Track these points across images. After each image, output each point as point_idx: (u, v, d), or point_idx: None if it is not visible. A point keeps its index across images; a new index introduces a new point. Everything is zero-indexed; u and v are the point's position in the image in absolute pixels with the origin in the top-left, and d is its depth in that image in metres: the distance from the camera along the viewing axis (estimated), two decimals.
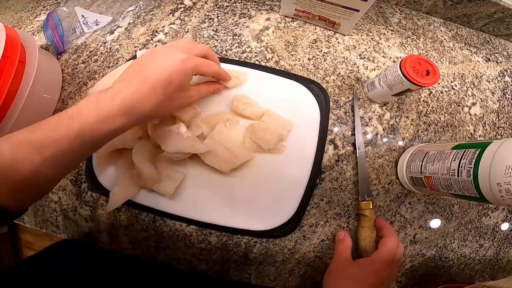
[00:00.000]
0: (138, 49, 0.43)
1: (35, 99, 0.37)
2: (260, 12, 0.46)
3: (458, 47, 0.46)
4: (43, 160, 0.22)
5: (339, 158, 0.39)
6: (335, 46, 0.44)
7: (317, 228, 0.38)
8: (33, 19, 0.50)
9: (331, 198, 0.38)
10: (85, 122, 0.24)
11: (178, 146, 0.33)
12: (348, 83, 0.42)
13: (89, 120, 0.24)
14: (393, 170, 0.39)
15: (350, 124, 0.40)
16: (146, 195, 0.36)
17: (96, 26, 0.46)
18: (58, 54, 0.44)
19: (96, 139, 0.24)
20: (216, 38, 0.44)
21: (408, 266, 0.39)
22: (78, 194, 0.39)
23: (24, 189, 0.23)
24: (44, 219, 0.41)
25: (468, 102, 0.43)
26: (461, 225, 0.40)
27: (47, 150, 0.22)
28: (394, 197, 0.39)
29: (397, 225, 0.39)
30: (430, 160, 0.32)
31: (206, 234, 0.38)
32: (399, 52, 0.44)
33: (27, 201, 0.25)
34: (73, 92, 0.42)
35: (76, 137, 0.23)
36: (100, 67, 0.43)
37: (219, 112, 0.37)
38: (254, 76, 0.39)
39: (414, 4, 0.47)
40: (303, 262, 0.38)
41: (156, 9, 0.47)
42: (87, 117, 0.24)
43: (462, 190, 0.28)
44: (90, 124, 0.24)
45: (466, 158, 0.27)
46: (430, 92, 0.42)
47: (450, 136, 0.41)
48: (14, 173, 0.21)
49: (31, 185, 0.23)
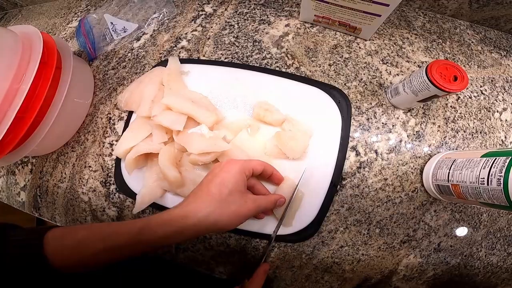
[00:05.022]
0: (163, 56, 0.45)
1: (69, 104, 0.39)
2: (280, 18, 0.46)
3: (487, 50, 0.44)
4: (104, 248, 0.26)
5: (361, 165, 0.38)
6: (357, 52, 0.43)
7: (336, 234, 0.38)
8: (65, 26, 0.53)
9: (352, 204, 0.38)
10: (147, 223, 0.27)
11: (202, 146, 0.34)
12: (371, 89, 0.41)
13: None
14: (418, 177, 0.38)
15: (373, 131, 0.39)
16: (171, 198, 0.37)
17: (124, 33, 0.48)
18: (90, 60, 0.47)
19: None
20: (237, 44, 0.45)
21: (430, 274, 0.38)
22: (106, 195, 0.41)
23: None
24: (74, 219, 0.43)
25: (499, 107, 0.41)
26: (489, 233, 0.38)
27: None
28: (418, 204, 0.38)
29: (421, 232, 0.38)
30: (458, 168, 0.31)
31: (226, 237, 0.39)
32: (424, 56, 0.43)
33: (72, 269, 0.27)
34: (104, 97, 0.44)
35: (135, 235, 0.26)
36: (128, 73, 0.45)
37: (241, 118, 0.38)
38: (275, 83, 0.40)
39: (438, 7, 0.46)
40: (320, 267, 0.38)
41: (179, 16, 0.49)
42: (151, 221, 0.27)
43: (491, 199, 0.27)
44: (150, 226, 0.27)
45: (496, 167, 0.26)
46: (458, 97, 0.41)
47: (479, 143, 0.40)
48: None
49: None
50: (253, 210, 0.29)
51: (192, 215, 0.27)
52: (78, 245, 0.26)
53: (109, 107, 0.44)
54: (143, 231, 0.26)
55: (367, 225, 0.38)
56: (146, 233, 0.26)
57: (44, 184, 0.45)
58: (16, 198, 0.47)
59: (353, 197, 0.38)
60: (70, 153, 0.44)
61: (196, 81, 0.42)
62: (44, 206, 0.45)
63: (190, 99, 0.38)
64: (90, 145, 0.44)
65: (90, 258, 0.25)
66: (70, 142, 0.45)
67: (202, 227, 0.27)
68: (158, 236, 0.26)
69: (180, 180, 0.35)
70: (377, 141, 0.39)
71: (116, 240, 0.26)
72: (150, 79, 0.41)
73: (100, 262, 0.26)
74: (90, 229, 0.27)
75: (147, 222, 0.27)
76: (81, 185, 0.43)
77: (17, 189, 0.47)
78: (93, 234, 0.26)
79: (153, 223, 0.27)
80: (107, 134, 0.43)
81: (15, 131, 0.33)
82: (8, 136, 0.33)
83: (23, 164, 0.47)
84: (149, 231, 0.26)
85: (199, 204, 0.28)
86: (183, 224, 0.27)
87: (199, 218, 0.27)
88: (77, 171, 0.43)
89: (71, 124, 0.43)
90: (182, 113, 0.36)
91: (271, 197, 0.33)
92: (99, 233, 0.26)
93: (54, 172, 0.45)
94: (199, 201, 0.28)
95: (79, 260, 0.25)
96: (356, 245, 0.37)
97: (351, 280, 0.38)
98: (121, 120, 0.43)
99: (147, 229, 0.26)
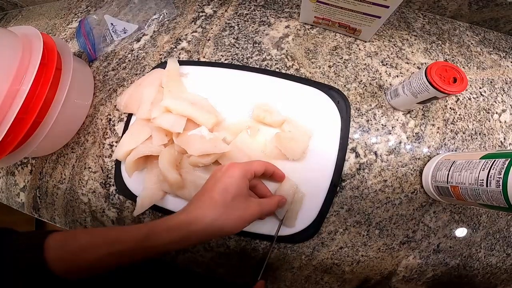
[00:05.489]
0: (163, 57, 0.45)
1: (69, 105, 0.39)
2: (280, 19, 0.47)
3: (487, 52, 0.45)
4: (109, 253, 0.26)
5: (360, 166, 0.38)
6: (356, 53, 0.43)
7: (336, 236, 0.38)
8: (65, 26, 0.53)
9: (352, 206, 0.38)
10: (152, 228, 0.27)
11: (202, 148, 0.34)
12: (370, 91, 0.41)
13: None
14: (417, 179, 0.38)
15: (373, 132, 0.39)
16: (171, 200, 0.37)
17: (124, 34, 0.48)
18: (90, 61, 0.47)
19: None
20: (237, 46, 0.45)
21: (430, 275, 0.38)
22: (106, 196, 0.41)
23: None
24: (74, 220, 0.43)
25: (498, 109, 0.41)
26: (488, 234, 0.38)
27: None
28: (418, 206, 0.38)
29: (420, 234, 0.38)
30: (457, 169, 0.31)
31: (225, 239, 0.39)
32: (424, 58, 0.43)
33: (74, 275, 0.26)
34: (104, 98, 0.44)
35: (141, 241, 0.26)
36: (128, 74, 0.45)
37: (241, 119, 0.38)
38: (274, 84, 0.40)
39: (438, 8, 0.46)
40: (320, 268, 0.38)
41: (179, 17, 0.49)
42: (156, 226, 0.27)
43: (490, 200, 0.27)
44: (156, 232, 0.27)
45: (495, 168, 0.26)
46: (458, 99, 0.41)
47: (479, 144, 0.40)
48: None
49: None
50: (257, 214, 0.30)
51: (199, 221, 0.27)
52: (81, 250, 0.25)
53: (109, 108, 0.44)
54: (149, 237, 0.26)
55: (367, 226, 0.38)
56: (152, 239, 0.26)
57: (44, 185, 0.45)
58: (15, 199, 0.47)
59: (352, 199, 0.38)
60: (70, 154, 0.44)
61: (196, 83, 0.42)
62: (43, 207, 0.45)
63: (190, 101, 0.38)
64: (90, 146, 0.44)
65: (93, 263, 0.25)
66: (70, 143, 0.45)
67: (209, 233, 0.27)
68: (165, 242, 0.26)
69: (180, 182, 0.35)
70: (376, 142, 0.39)
71: (121, 246, 0.26)
72: (149, 81, 0.41)
73: (102, 267, 0.26)
74: (92, 234, 0.27)
75: (153, 228, 0.27)
76: (80, 186, 0.43)
77: (16, 190, 0.47)
78: (96, 240, 0.26)
79: (159, 229, 0.27)
80: (107, 135, 0.43)
81: (15, 132, 0.33)
82: (8, 137, 0.33)
83: (23, 165, 0.47)
84: (155, 237, 0.26)
85: (204, 211, 0.28)
86: (189, 230, 0.27)
87: (206, 224, 0.27)
88: (77, 172, 0.43)
89: (71, 125, 0.43)
90: (182, 115, 0.37)
91: (274, 199, 0.33)
92: (102, 238, 0.26)
93: (53, 173, 0.45)
94: (204, 208, 0.28)
95: (81, 265, 0.25)
96: (355, 246, 0.37)
97: (350, 281, 0.38)
98: (121, 121, 0.43)
99: (153, 235, 0.26)
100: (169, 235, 0.26)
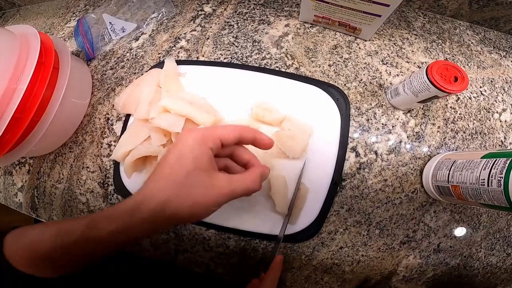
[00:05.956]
0: (162, 56, 0.45)
1: (67, 104, 0.39)
2: (279, 18, 0.46)
3: (487, 51, 0.44)
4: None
5: (360, 166, 0.38)
6: (356, 52, 0.43)
7: (336, 235, 0.38)
8: (63, 25, 0.53)
9: (352, 205, 0.38)
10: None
11: None
12: (371, 90, 0.41)
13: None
14: (417, 178, 0.38)
15: (373, 132, 0.39)
16: None
17: (123, 33, 0.48)
18: (88, 60, 0.47)
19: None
20: (237, 44, 0.45)
21: (430, 275, 0.38)
22: (105, 196, 0.41)
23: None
24: None
25: (498, 108, 0.41)
26: (489, 234, 0.38)
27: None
28: (418, 205, 0.38)
29: (421, 233, 0.38)
30: (458, 169, 0.31)
31: (225, 239, 0.39)
32: (424, 57, 0.43)
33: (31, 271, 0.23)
34: (102, 97, 0.44)
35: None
36: (126, 73, 0.45)
37: (240, 118, 0.38)
38: (273, 82, 0.40)
39: (438, 7, 0.46)
40: (320, 268, 0.38)
41: (178, 16, 0.49)
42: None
43: (491, 200, 0.27)
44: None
45: (496, 168, 0.26)
46: (458, 98, 0.41)
47: (479, 143, 0.40)
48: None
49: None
50: (226, 194, 0.22)
51: (144, 205, 0.21)
52: (31, 243, 0.22)
53: (107, 107, 0.44)
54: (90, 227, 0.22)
55: (367, 226, 0.37)
56: (93, 228, 0.22)
57: (42, 185, 0.45)
58: (13, 199, 0.47)
59: (353, 198, 0.38)
60: (68, 154, 0.44)
61: (194, 82, 0.41)
62: (41, 207, 0.45)
63: (188, 101, 0.37)
64: (88, 145, 0.43)
65: (44, 258, 0.22)
66: (67, 142, 0.44)
67: (159, 220, 0.22)
68: (106, 231, 0.21)
69: None
70: (377, 142, 0.39)
71: (67, 238, 0.22)
72: (146, 81, 0.40)
73: (57, 264, 0.22)
74: (45, 226, 0.23)
75: (95, 216, 0.22)
76: (79, 186, 0.42)
77: (14, 189, 0.47)
78: (47, 231, 0.22)
79: (100, 217, 0.22)
80: (105, 135, 0.43)
81: (12, 131, 0.33)
82: (5, 136, 0.32)
83: (21, 164, 0.47)
84: (97, 226, 0.22)
85: (152, 191, 0.22)
86: (133, 217, 0.21)
87: (152, 208, 0.21)
88: (75, 172, 0.43)
89: (69, 125, 0.43)
90: (181, 115, 0.36)
91: (252, 174, 0.24)
92: (54, 230, 0.22)
93: (51, 172, 0.44)
94: (151, 187, 0.22)
95: (32, 260, 0.22)
96: (355, 246, 0.37)
97: (350, 281, 0.37)
98: (119, 120, 0.43)
99: (93, 223, 0.22)
100: (109, 223, 0.21)
